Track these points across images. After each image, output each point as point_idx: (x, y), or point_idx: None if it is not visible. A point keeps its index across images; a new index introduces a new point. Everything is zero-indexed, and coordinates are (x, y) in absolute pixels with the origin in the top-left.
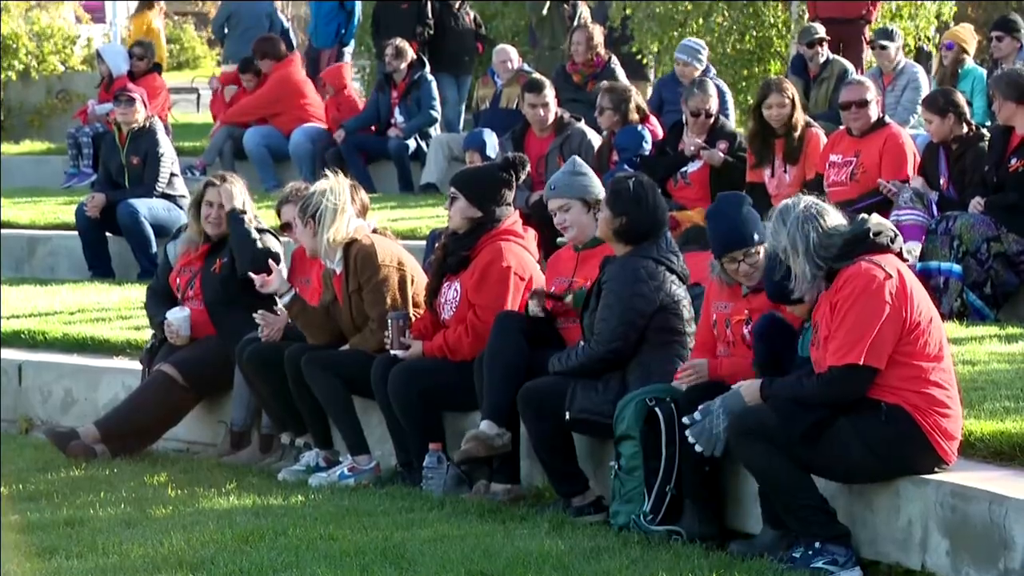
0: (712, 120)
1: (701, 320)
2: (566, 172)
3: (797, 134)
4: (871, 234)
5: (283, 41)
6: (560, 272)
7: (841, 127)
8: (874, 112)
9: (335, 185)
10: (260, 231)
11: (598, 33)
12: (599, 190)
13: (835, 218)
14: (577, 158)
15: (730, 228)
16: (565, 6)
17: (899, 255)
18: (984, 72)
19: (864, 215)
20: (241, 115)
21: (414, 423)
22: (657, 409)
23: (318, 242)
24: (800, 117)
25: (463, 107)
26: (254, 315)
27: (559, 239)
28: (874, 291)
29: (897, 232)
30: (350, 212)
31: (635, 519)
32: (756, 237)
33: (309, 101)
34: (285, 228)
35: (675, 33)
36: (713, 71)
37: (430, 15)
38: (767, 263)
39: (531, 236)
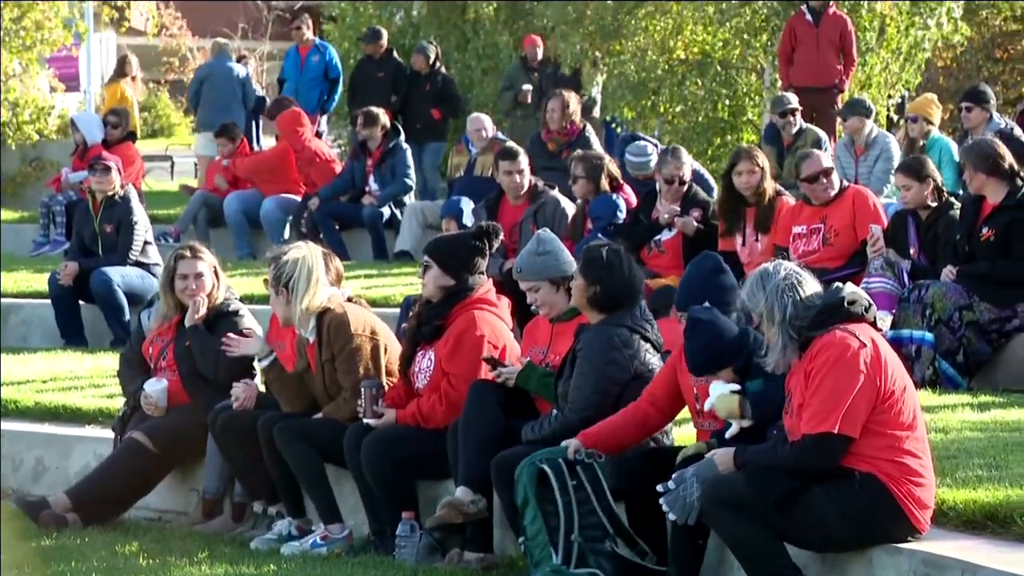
0: (686, 188)
1: (661, 376)
2: (530, 252)
3: (762, 202)
4: (846, 303)
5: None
6: (537, 341)
7: (793, 200)
8: (837, 179)
9: (308, 254)
10: (234, 313)
11: (573, 101)
12: (567, 266)
13: (812, 286)
14: (542, 234)
15: (685, 287)
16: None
17: (873, 324)
18: (950, 142)
19: (839, 283)
20: (251, 172)
21: (387, 491)
22: (545, 466)
23: (291, 311)
24: (770, 185)
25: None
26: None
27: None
28: (848, 360)
29: (871, 301)
30: (323, 281)
31: (552, 572)
32: (706, 304)
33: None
34: None
35: (648, 102)
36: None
37: (402, 84)
38: (697, 330)
39: (504, 304)
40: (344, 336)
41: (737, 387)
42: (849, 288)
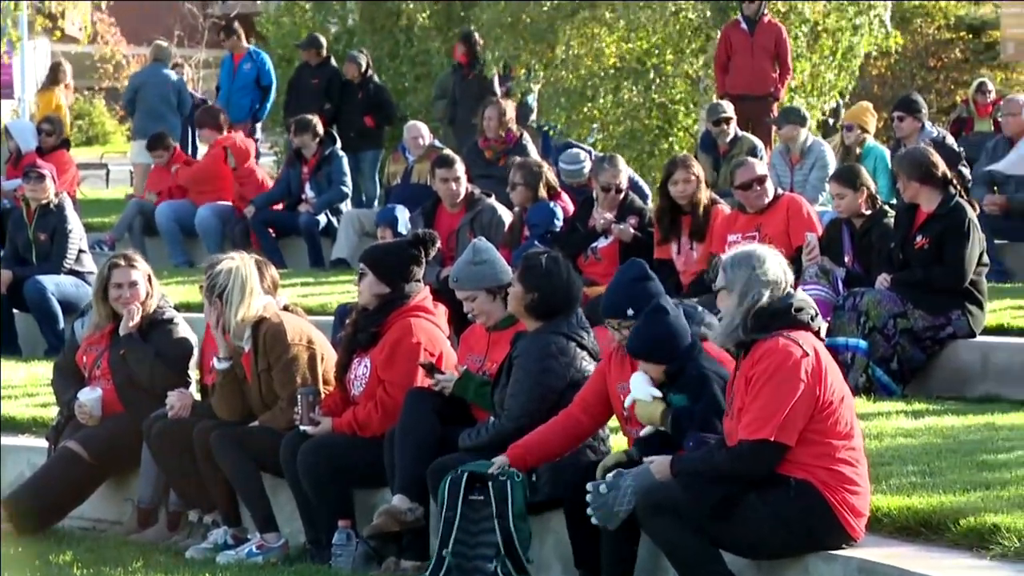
0: (622, 196)
1: (590, 383)
2: (466, 262)
3: (698, 211)
4: (793, 309)
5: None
6: (473, 349)
7: (728, 209)
8: (771, 187)
9: (241, 264)
10: (169, 321)
11: (510, 109)
12: (503, 275)
13: (786, 289)
14: (478, 243)
15: (611, 294)
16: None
17: (817, 333)
18: (885, 151)
19: (791, 290)
20: (192, 182)
21: (323, 500)
22: (450, 477)
23: (226, 321)
24: (705, 194)
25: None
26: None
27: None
28: (790, 368)
29: (818, 311)
30: (258, 290)
31: None
32: (629, 311)
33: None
34: None
35: (584, 109)
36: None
37: (336, 92)
38: (656, 318)
39: (441, 312)
40: (280, 346)
41: (659, 393)
42: (799, 295)
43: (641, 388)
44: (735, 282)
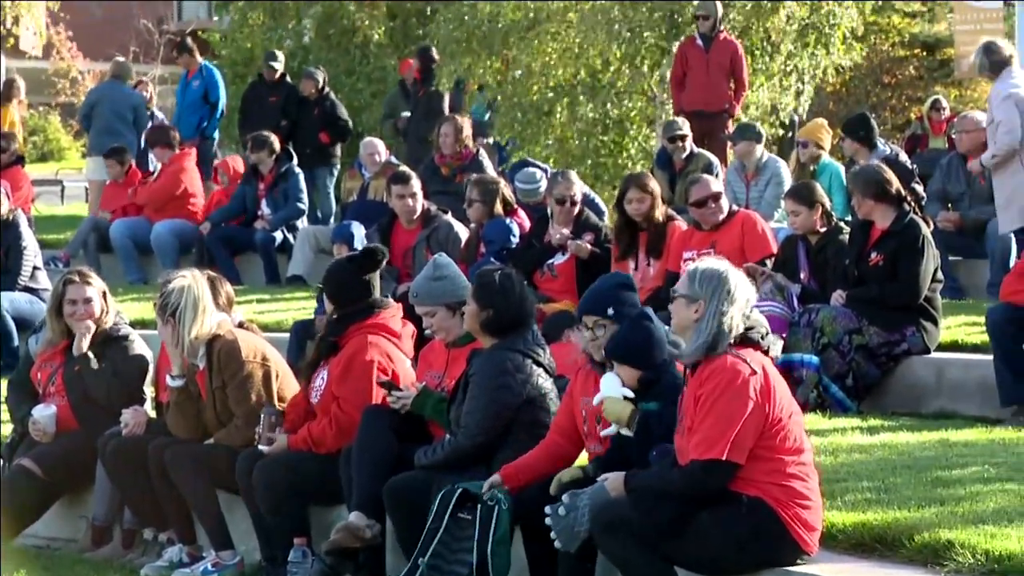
0: (577, 211)
1: (562, 407)
2: (426, 278)
3: (655, 228)
4: (744, 328)
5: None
6: (432, 366)
7: (685, 225)
8: (726, 204)
9: (193, 282)
10: (124, 338)
11: (467, 126)
12: (463, 291)
13: (747, 314)
14: (438, 259)
15: (594, 291)
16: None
17: (766, 351)
18: (841, 168)
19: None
20: (151, 200)
21: (279, 517)
22: (444, 490)
23: (180, 340)
24: (660, 211)
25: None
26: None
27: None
28: (739, 387)
29: (768, 329)
30: (211, 308)
31: None
32: (609, 311)
33: (196, 198)
34: None
35: (540, 125)
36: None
37: (293, 108)
38: (639, 324)
39: (408, 333)
40: (235, 363)
41: (630, 394)
42: (753, 314)
43: (613, 387)
44: (702, 292)
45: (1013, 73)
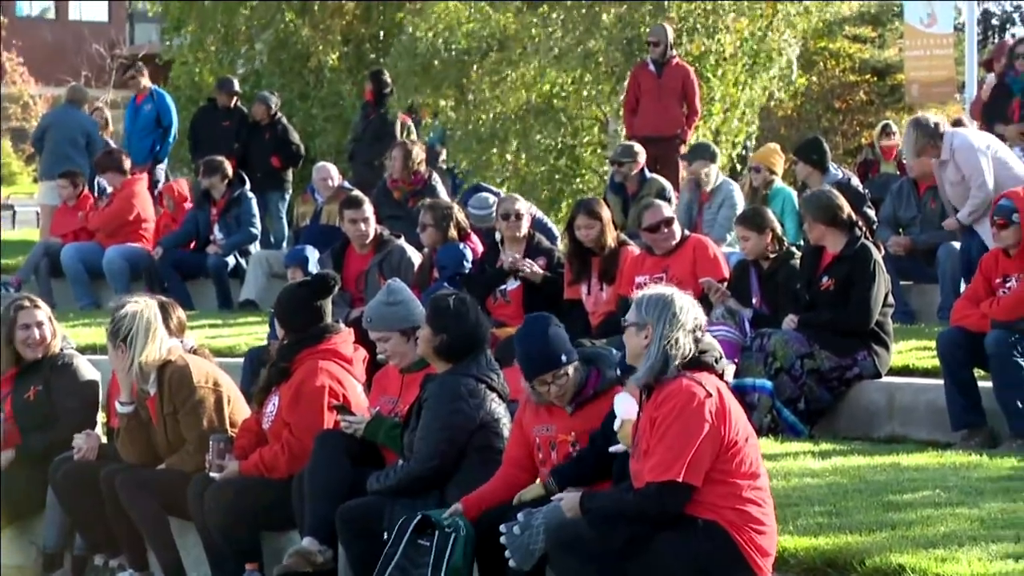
0: (529, 236)
1: (512, 437)
2: (380, 303)
3: (608, 253)
4: (698, 351)
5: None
6: (386, 391)
7: (638, 250)
8: (678, 229)
9: (144, 307)
10: (71, 363)
11: (418, 150)
12: (416, 316)
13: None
14: (392, 284)
15: (538, 351)
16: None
17: (720, 375)
18: (793, 192)
19: (699, 333)
20: (104, 226)
21: (231, 543)
22: (405, 516)
23: (129, 364)
24: (611, 236)
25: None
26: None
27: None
28: (694, 409)
29: (722, 353)
30: (162, 333)
31: None
32: (564, 358)
33: (148, 223)
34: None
35: (494, 150)
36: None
37: (244, 133)
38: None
39: (360, 358)
40: (186, 389)
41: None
42: (706, 339)
43: (630, 410)
44: (651, 316)
45: (958, 130)
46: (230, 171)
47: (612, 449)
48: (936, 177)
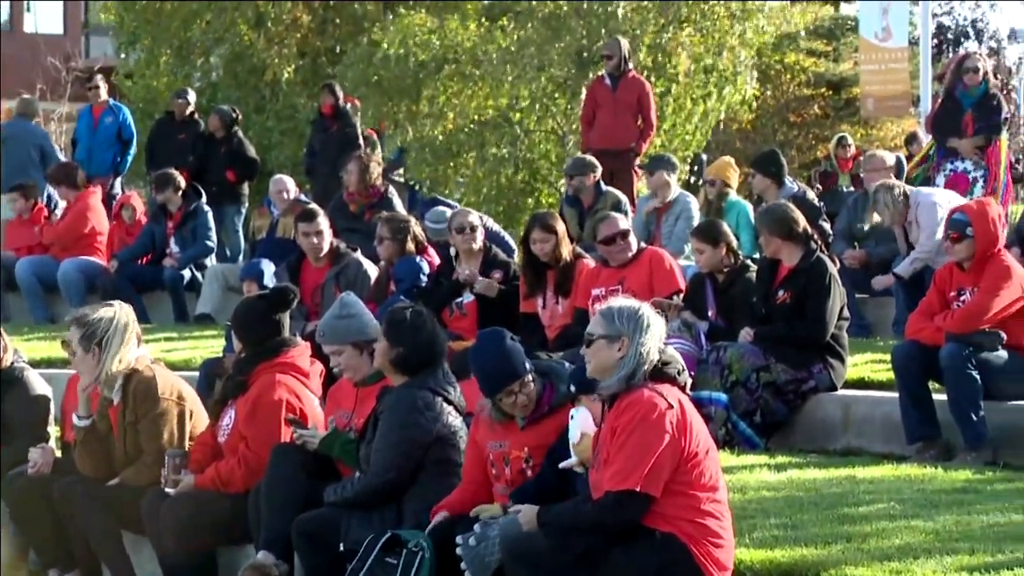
0: (485, 249)
1: (468, 456)
2: (333, 317)
3: (563, 266)
4: (660, 363)
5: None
6: (341, 404)
7: (593, 263)
8: (634, 241)
9: (120, 312)
10: (23, 377)
11: (373, 163)
12: (370, 330)
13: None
14: (345, 298)
15: (500, 363)
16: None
17: (682, 388)
18: (748, 206)
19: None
20: (58, 239)
21: (186, 558)
22: (372, 535)
23: (100, 369)
24: (567, 250)
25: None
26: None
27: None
28: (655, 420)
29: (685, 366)
30: (135, 340)
31: None
32: (527, 366)
33: (103, 236)
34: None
35: (451, 164)
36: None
37: (200, 146)
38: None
39: (316, 371)
40: (151, 399)
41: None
42: (668, 351)
43: (588, 425)
44: (623, 328)
45: (922, 190)
46: (183, 183)
47: (562, 465)
48: (899, 230)
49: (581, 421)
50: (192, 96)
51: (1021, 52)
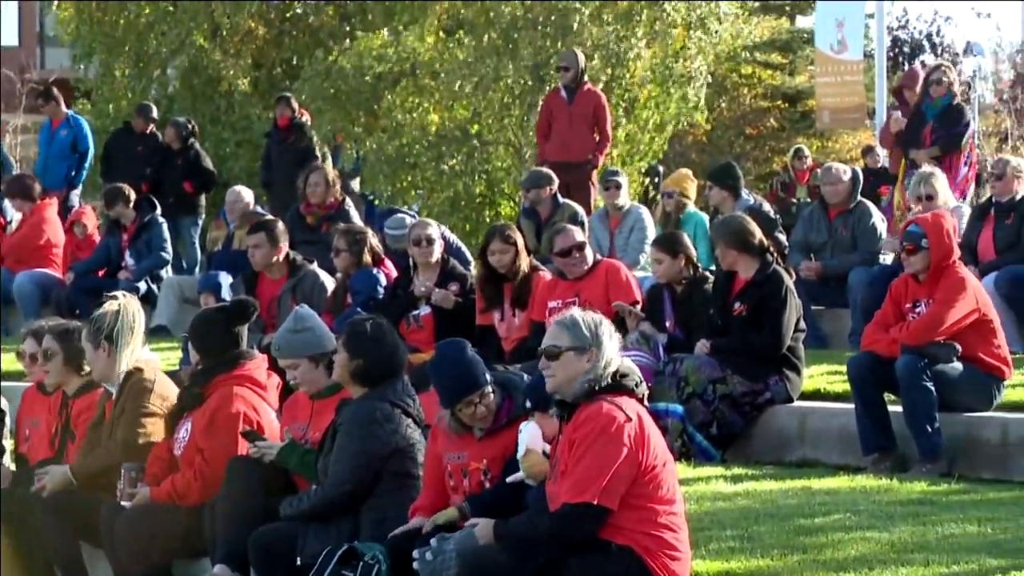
0: (443, 261)
1: (428, 468)
2: (288, 330)
3: (520, 279)
4: (618, 375)
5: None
6: (297, 418)
7: (549, 275)
8: (590, 254)
9: (126, 304)
10: None
11: (334, 175)
12: (325, 342)
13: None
14: (299, 311)
15: (461, 373)
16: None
17: (640, 400)
18: (705, 217)
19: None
20: (12, 252)
21: (142, 570)
22: (331, 547)
23: (116, 365)
24: (524, 262)
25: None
26: None
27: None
28: (613, 433)
29: (642, 379)
30: (142, 334)
31: None
32: (488, 376)
33: (59, 248)
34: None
35: (407, 177)
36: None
37: (157, 158)
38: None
39: (273, 384)
40: (141, 399)
41: (547, 448)
42: (626, 363)
43: (536, 440)
44: (589, 338)
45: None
46: (133, 196)
47: (510, 479)
48: None
49: (528, 436)
50: (155, 113)
51: (976, 66)
